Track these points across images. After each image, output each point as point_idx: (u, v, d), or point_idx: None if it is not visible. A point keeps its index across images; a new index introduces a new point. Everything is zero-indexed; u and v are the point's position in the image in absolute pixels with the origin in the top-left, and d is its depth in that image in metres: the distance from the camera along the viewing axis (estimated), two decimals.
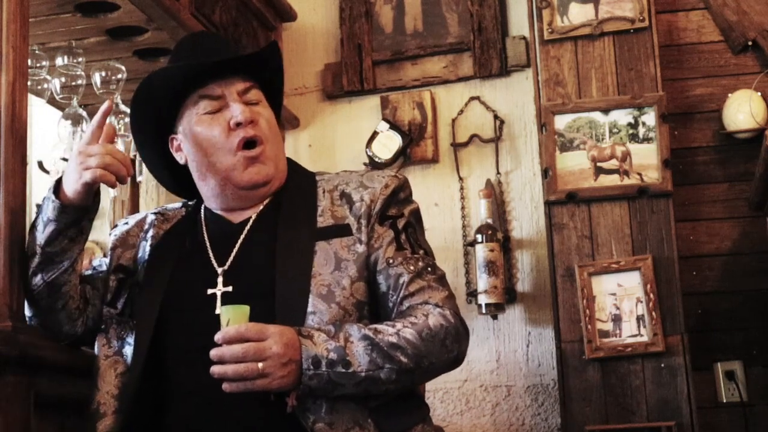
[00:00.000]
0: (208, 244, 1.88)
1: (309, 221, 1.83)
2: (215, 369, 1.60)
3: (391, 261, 1.80)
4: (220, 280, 1.80)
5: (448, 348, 1.75)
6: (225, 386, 1.60)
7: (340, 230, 1.82)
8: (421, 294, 1.79)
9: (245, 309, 1.65)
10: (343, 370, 1.64)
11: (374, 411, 1.71)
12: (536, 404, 3.40)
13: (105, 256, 2.06)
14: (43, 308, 1.89)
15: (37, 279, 1.86)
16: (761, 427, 3.20)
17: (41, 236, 1.84)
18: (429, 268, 1.83)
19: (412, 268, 1.81)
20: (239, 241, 1.85)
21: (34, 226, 1.87)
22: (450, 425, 3.42)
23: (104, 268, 1.98)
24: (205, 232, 1.91)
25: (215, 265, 1.83)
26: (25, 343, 1.88)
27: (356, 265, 1.78)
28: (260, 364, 1.59)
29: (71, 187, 1.80)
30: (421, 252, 1.85)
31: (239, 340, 1.60)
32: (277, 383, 1.61)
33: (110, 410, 1.79)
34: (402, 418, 1.76)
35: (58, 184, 1.83)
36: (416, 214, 1.91)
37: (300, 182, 1.93)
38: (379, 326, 1.71)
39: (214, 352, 1.61)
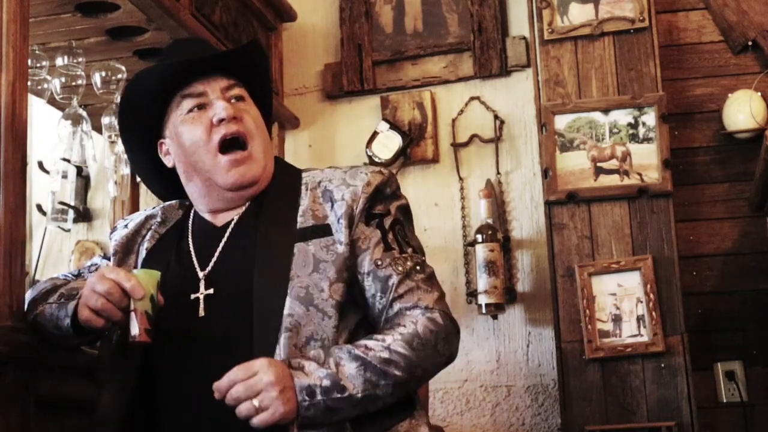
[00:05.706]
0: (192, 248, 1.87)
1: (289, 222, 1.80)
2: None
3: (379, 263, 1.78)
4: (201, 284, 1.79)
5: (440, 352, 1.74)
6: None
7: (320, 231, 1.79)
8: (411, 296, 1.77)
9: (155, 275, 1.69)
10: (339, 395, 1.62)
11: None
12: (536, 404, 3.39)
13: (105, 256, 2.06)
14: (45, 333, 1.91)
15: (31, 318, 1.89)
16: (761, 427, 3.20)
17: (47, 317, 1.85)
18: (418, 267, 1.80)
19: (400, 268, 1.78)
20: (221, 245, 1.84)
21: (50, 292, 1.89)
22: (450, 425, 3.42)
23: None
24: (190, 237, 1.90)
25: (197, 269, 1.83)
26: (25, 343, 1.88)
27: (335, 267, 1.75)
28: (255, 401, 1.58)
29: (81, 311, 1.76)
30: (410, 250, 1.82)
31: (230, 385, 1.60)
32: (281, 413, 1.59)
33: (110, 420, 1.78)
34: (384, 417, 1.73)
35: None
36: (403, 209, 1.88)
37: (283, 181, 1.90)
38: (369, 342, 1.69)
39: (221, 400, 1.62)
